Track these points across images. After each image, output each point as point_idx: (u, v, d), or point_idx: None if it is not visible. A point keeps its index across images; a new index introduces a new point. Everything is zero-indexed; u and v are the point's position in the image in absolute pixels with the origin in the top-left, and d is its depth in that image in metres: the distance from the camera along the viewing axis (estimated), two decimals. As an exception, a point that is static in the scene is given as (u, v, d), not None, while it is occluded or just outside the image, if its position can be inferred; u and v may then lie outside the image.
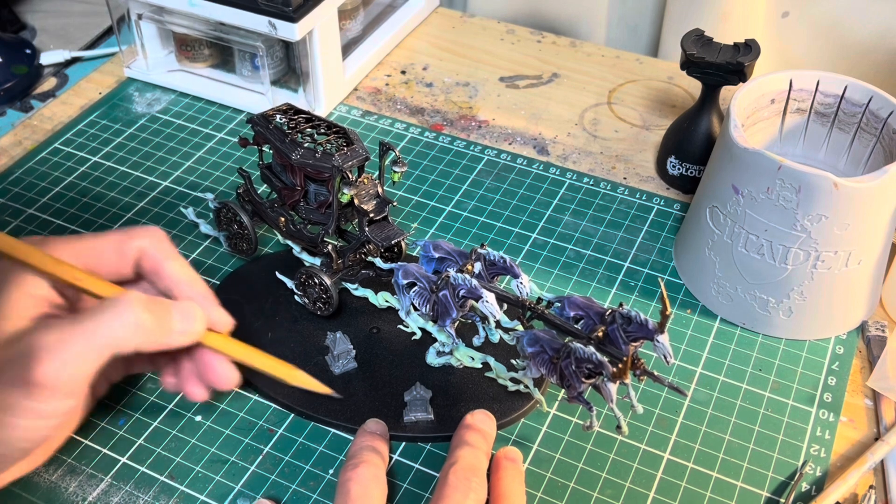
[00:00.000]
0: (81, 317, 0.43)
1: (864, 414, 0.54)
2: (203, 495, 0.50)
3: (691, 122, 0.68)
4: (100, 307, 0.43)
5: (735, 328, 0.59)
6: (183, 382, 0.49)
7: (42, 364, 0.41)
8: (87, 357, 0.42)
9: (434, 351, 0.55)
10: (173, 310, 0.46)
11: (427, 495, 0.50)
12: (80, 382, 0.42)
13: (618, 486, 0.50)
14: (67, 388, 0.42)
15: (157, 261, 0.48)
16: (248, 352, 0.49)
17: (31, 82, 0.82)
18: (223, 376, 0.48)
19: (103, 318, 0.43)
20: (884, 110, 0.57)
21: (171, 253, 0.48)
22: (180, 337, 0.46)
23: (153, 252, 0.48)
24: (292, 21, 0.68)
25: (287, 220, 0.59)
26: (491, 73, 0.82)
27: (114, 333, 0.43)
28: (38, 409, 0.42)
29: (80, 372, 0.42)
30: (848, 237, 0.53)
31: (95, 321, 0.43)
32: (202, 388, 0.49)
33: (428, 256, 0.53)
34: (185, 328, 0.46)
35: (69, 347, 0.42)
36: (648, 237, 0.66)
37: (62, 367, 0.41)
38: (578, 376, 0.46)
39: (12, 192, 0.70)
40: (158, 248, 0.48)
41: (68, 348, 0.42)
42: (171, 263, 0.48)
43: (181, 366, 0.49)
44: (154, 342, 0.45)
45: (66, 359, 0.41)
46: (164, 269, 0.48)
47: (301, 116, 0.57)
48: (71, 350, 0.42)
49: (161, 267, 0.48)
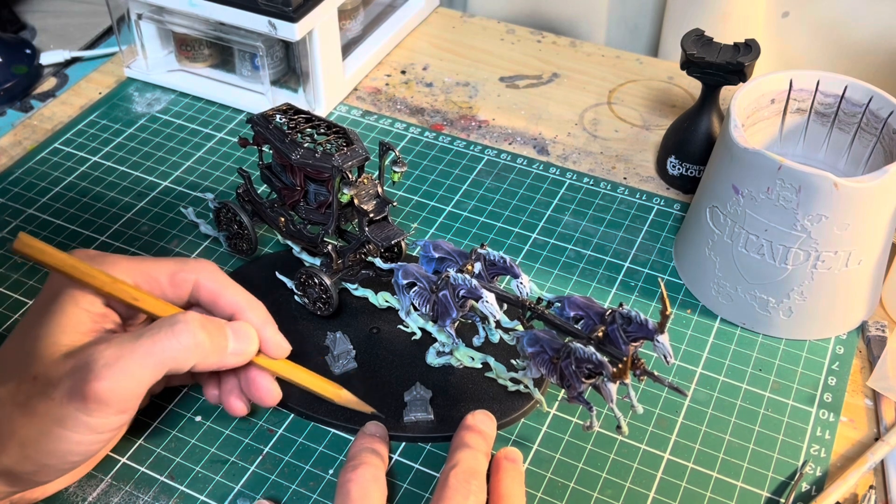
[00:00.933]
0: (140, 334, 0.44)
1: (864, 414, 0.54)
2: (203, 495, 0.50)
3: (691, 122, 0.68)
4: (158, 326, 0.45)
5: (735, 328, 0.59)
6: (225, 396, 0.51)
7: (99, 380, 0.42)
8: (144, 374, 0.43)
9: (434, 351, 0.55)
10: (228, 330, 0.47)
11: (427, 496, 0.50)
12: (134, 399, 0.44)
13: (618, 486, 0.50)
14: (122, 403, 0.43)
15: (215, 291, 0.49)
16: (295, 371, 0.51)
17: (31, 82, 0.82)
18: (267, 392, 0.50)
19: (161, 337, 0.44)
20: (884, 110, 0.57)
21: (227, 282, 0.50)
22: (234, 358, 0.48)
23: (209, 283, 0.49)
24: (292, 21, 0.68)
25: (287, 220, 0.59)
26: (491, 73, 0.82)
27: (171, 352, 0.44)
28: (92, 424, 0.43)
29: (135, 388, 0.43)
30: (848, 237, 0.53)
31: (153, 339, 0.44)
32: (243, 403, 0.51)
33: (428, 256, 0.53)
34: (238, 349, 0.48)
35: (127, 364, 0.43)
36: (648, 237, 0.66)
37: (118, 384, 0.42)
38: (578, 376, 0.46)
39: (12, 192, 0.70)
40: (214, 279, 0.49)
41: (126, 365, 0.43)
42: (229, 291, 0.49)
43: (225, 380, 0.51)
44: (209, 362, 0.46)
45: (123, 375, 0.43)
46: (224, 298, 0.49)
47: (301, 116, 0.57)
48: (128, 367, 0.43)
49: (219, 297, 0.49)
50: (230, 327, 0.48)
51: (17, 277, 0.62)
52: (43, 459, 0.43)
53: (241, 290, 0.50)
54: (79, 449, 0.43)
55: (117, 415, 0.43)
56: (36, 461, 0.43)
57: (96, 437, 0.44)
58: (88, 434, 0.43)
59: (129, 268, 0.48)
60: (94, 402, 0.42)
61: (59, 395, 0.42)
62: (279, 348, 0.50)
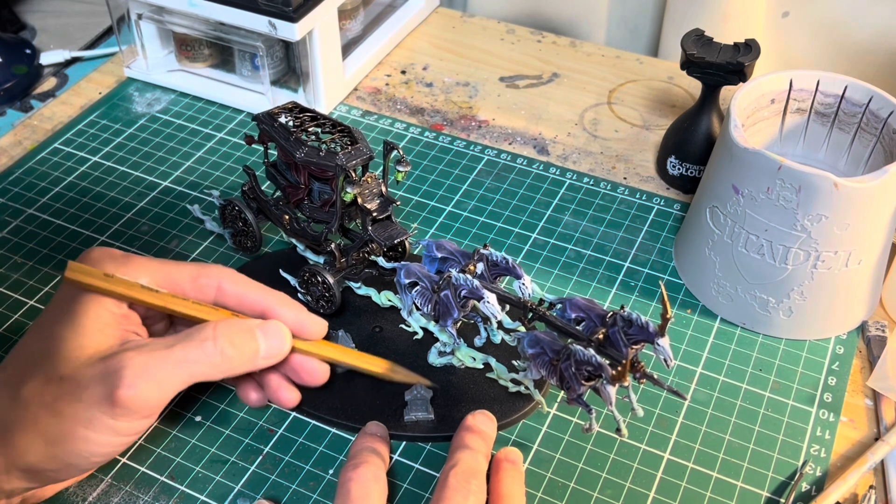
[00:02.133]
0: (170, 344, 0.45)
1: (864, 414, 0.54)
2: (203, 495, 0.50)
3: (691, 122, 0.68)
4: (189, 337, 0.46)
5: (735, 328, 0.59)
6: (273, 393, 0.52)
7: (129, 388, 0.43)
8: (172, 385, 0.45)
9: (436, 351, 0.55)
10: (258, 332, 0.48)
11: (427, 495, 0.50)
12: (160, 406, 0.45)
13: (618, 486, 0.50)
14: (148, 410, 0.44)
15: (240, 294, 0.50)
16: (341, 351, 0.52)
17: (31, 82, 0.82)
18: (315, 372, 0.51)
19: (190, 349, 0.45)
20: (884, 110, 0.57)
21: (250, 287, 0.50)
22: (265, 361, 0.48)
23: (232, 287, 0.50)
24: (292, 21, 0.68)
25: (291, 218, 0.59)
26: (491, 73, 0.82)
27: (200, 366, 0.45)
28: (118, 427, 0.44)
29: (162, 397, 0.44)
30: (848, 237, 0.53)
31: (184, 351, 0.45)
32: (294, 391, 0.52)
33: (431, 256, 0.53)
34: (269, 352, 0.48)
35: (155, 373, 0.44)
36: (648, 237, 0.66)
37: (147, 392, 0.43)
38: (578, 378, 0.46)
39: (12, 192, 0.70)
40: (237, 283, 0.50)
41: (154, 374, 0.44)
42: (253, 292, 0.50)
43: (268, 378, 0.52)
44: (239, 371, 0.47)
45: (152, 384, 0.43)
46: (249, 299, 0.50)
47: (306, 115, 0.57)
48: (157, 376, 0.44)
49: (244, 298, 0.50)
50: (260, 329, 0.48)
51: (18, 277, 0.62)
52: (67, 459, 0.44)
53: (264, 288, 0.50)
54: (102, 450, 0.45)
55: (142, 420, 0.44)
56: (60, 460, 0.44)
57: (120, 440, 0.45)
58: (113, 437, 0.44)
59: (152, 270, 0.49)
60: (122, 407, 0.43)
61: (87, 399, 0.43)
62: (317, 327, 0.51)
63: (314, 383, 0.51)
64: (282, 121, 0.57)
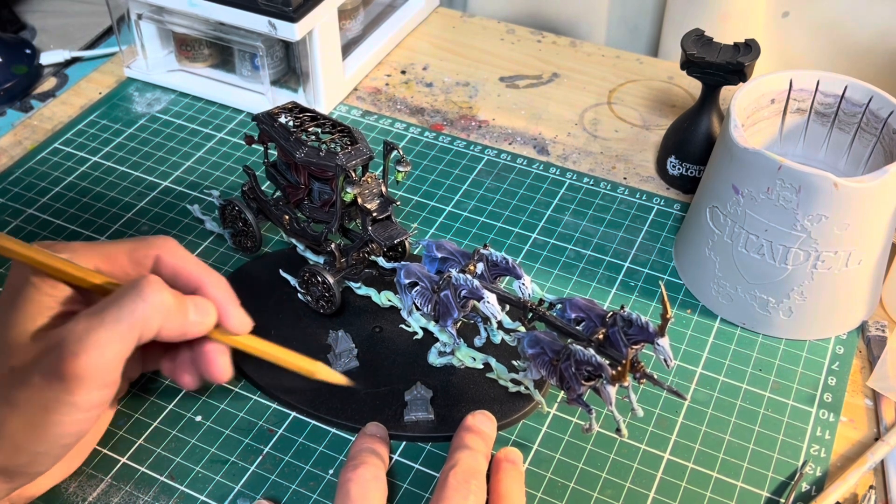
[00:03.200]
0: (105, 303, 0.43)
1: (864, 414, 0.54)
2: (203, 495, 0.50)
3: (691, 122, 0.68)
4: (122, 291, 0.44)
5: (735, 328, 0.59)
6: (177, 369, 0.50)
7: (74, 356, 0.41)
8: (117, 342, 0.43)
9: (436, 351, 0.55)
10: (188, 301, 0.46)
11: (427, 496, 0.50)
12: (112, 371, 0.43)
13: (618, 486, 0.50)
14: (101, 377, 0.42)
15: (176, 266, 0.48)
16: (260, 344, 0.50)
17: (31, 82, 0.82)
18: (220, 369, 0.49)
19: (127, 301, 0.43)
20: (884, 110, 0.57)
21: (188, 259, 0.49)
22: (195, 327, 0.47)
23: (170, 259, 0.48)
24: (292, 21, 0.68)
25: (291, 219, 0.59)
26: (491, 73, 0.82)
27: (139, 314, 0.43)
28: (76, 402, 0.42)
29: (112, 359, 0.43)
30: (848, 237, 0.53)
31: (119, 305, 0.43)
32: (194, 378, 0.50)
33: (431, 256, 0.53)
34: (199, 320, 0.47)
35: (98, 335, 0.42)
36: (648, 237, 0.66)
37: (94, 356, 0.42)
38: (578, 378, 0.47)
39: (12, 192, 0.70)
40: (175, 255, 0.48)
41: (98, 336, 0.42)
42: (190, 266, 0.48)
43: (180, 354, 0.50)
44: (173, 325, 0.45)
45: (97, 347, 0.42)
46: (185, 272, 0.48)
47: (306, 115, 0.57)
48: (100, 337, 0.42)
49: (181, 271, 0.48)
50: (190, 300, 0.47)
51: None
52: (34, 447, 0.43)
53: (203, 266, 0.49)
54: (68, 430, 0.43)
55: (99, 390, 0.43)
56: (28, 451, 0.43)
57: (83, 416, 0.43)
58: (74, 413, 0.42)
59: (89, 251, 0.47)
60: (74, 379, 0.41)
61: (37, 380, 0.42)
62: (241, 323, 0.49)
63: (213, 377, 0.49)
64: (282, 121, 0.57)
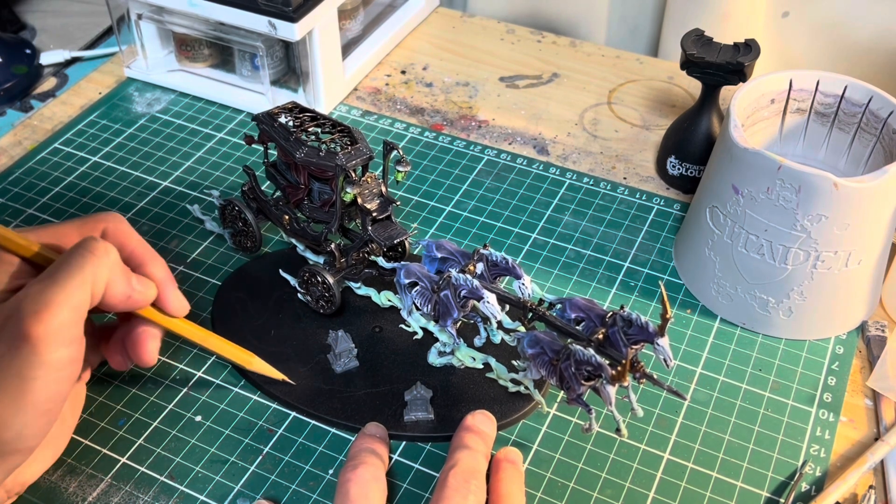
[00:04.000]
0: (55, 265, 0.44)
1: (864, 414, 0.54)
2: (203, 495, 0.50)
3: (691, 122, 0.68)
4: (70, 251, 0.45)
5: (735, 328, 0.59)
6: (108, 349, 0.51)
7: (35, 314, 0.42)
8: (73, 296, 0.43)
9: (435, 351, 0.55)
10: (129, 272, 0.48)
11: (427, 495, 0.50)
12: (73, 325, 0.43)
13: (618, 486, 0.50)
14: (64, 332, 0.43)
15: (120, 243, 0.49)
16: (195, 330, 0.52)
17: (31, 82, 0.82)
18: (148, 352, 0.50)
19: (75, 258, 0.44)
20: (884, 110, 0.57)
21: (133, 235, 0.50)
22: (138, 295, 0.48)
23: (115, 235, 0.49)
24: (292, 21, 0.68)
25: (291, 219, 0.59)
26: (491, 73, 0.82)
27: (88, 269, 0.44)
28: (46, 361, 0.42)
29: (71, 314, 0.43)
30: (848, 237, 0.53)
31: (69, 263, 0.44)
32: (124, 358, 0.51)
33: (430, 256, 0.53)
34: (141, 289, 0.48)
35: (53, 292, 0.43)
36: (648, 237, 0.66)
37: (54, 312, 0.42)
38: (578, 378, 0.47)
39: (12, 192, 0.70)
40: (120, 231, 0.49)
41: (53, 293, 0.42)
42: (133, 242, 0.50)
43: (113, 333, 0.51)
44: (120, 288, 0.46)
45: (55, 304, 0.42)
46: (128, 247, 0.49)
47: (306, 115, 0.57)
48: (55, 294, 0.43)
49: (124, 246, 0.49)
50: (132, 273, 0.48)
51: None
52: (17, 418, 0.42)
53: (147, 246, 0.50)
54: (46, 394, 0.43)
55: (66, 346, 0.43)
56: (11, 424, 0.42)
57: (57, 375, 0.43)
58: (48, 373, 0.42)
59: (40, 230, 0.48)
60: (38, 339, 0.41)
61: (3, 349, 0.42)
62: (179, 304, 0.50)
63: (140, 360, 0.50)
64: (282, 121, 0.57)
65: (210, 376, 0.56)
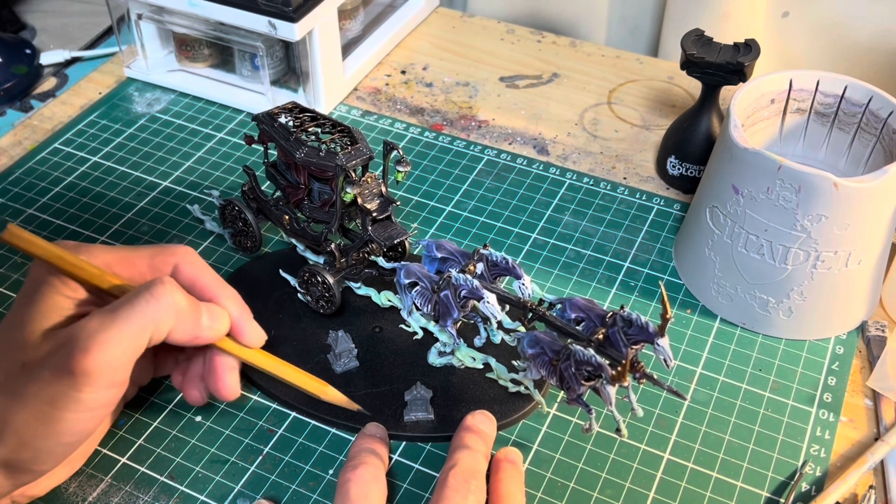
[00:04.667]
0: (119, 303, 0.44)
1: (864, 414, 0.54)
2: (203, 495, 0.50)
3: (691, 122, 0.68)
4: (136, 292, 0.45)
5: (735, 328, 0.59)
6: (186, 383, 0.51)
7: (84, 352, 0.42)
8: (128, 341, 0.43)
9: (435, 351, 0.55)
10: (202, 306, 0.47)
11: (427, 496, 0.50)
12: (121, 370, 0.43)
13: (618, 486, 0.50)
14: (110, 375, 0.43)
15: (193, 275, 0.49)
16: (273, 362, 0.51)
17: (31, 82, 0.82)
18: (225, 386, 0.50)
19: (140, 301, 0.44)
20: (884, 110, 0.57)
21: (205, 270, 0.50)
22: (208, 332, 0.47)
23: (187, 267, 0.49)
24: (292, 21, 0.68)
25: (291, 219, 0.59)
26: (491, 73, 0.82)
27: (151, 314, 0.44)
28: (83, 400, 0.42)
29: (122, 358, 0.43)
30: (848, 237, 0.53)
31: (132, 304, 0.44)
32: (200, 393, 0.51)
33: (430, 256, 0.53)
34: (212, 325, 0.47)
35: (110, 333, 0.42)
36: (648, 237, 0.66)
37: (104, 354, 0.42)
38: (578, 378, 0.47)
39: (12, 192, 0.70)
40: (193, 264, 0.49)
41: (109, 334, 0.42)
42: (206, 276, 0.49)
43: (191, 367, 0.51)
44: (185, 328, 0.46)
45: (108, 344, 0.42)
46: (201, 281, 0.49)
47: (306, 115, 0.57)
48: (111, 335, 0.42)
49: (197, 280, 0.49)
50: (204, 306, 0.48)
51: (18, 277, 0.62)
52: (39, 443, 0.43)
53: (219, 279, 0.50)
54: (73, 428, 0.43)
55: (107, 389, 0.43)
56: (32, 446, 0.43)
57: (89, 415, 0.43)
58: (81, 412, 0.43)
59: (108, 254, 0.48)
60: (83, 375, 0.41)
61: (47, 375, 0.42)
62: (255, 335, 0.50)
63: (220, 395, 0.50)
64: (282, 121, 0.57)
65: (210, 376, 0.56)
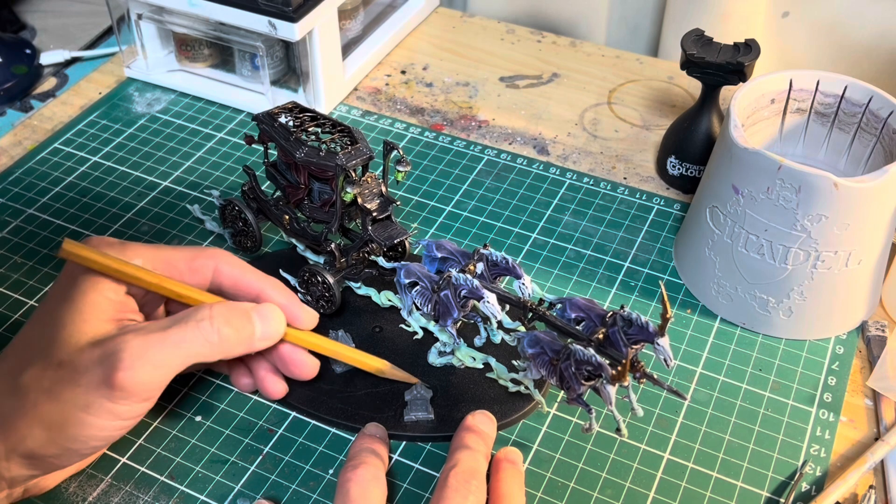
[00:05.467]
0: (167, 326, 0.45)
1: (864, 414, 0.54)
2: (203, 495, 0.50)
3: (691, 122, 0.68)
4: (185, 318, 0.46)
5: (735, 328, 0.59)
6: (261, 381, 0.52)
7: (127, 370, 0.43)
8: (170, 366, 0.45)
9: (436, 351, 0.55)
10: (254, 315, 0.48)
11: (427, 496, 0.50)
12: (158, 388, 0.45)
13: (618, 486, 0.50)
14: (147, 393, 0.44)
15: (236, 276, 0.50)
16: (330, 344, 0.52)
17: (31, 82, 0.82)
18: (303, 365, 0.51)
19: (187, 331, 0.45)
20: (884, 110, 0.57)
21: (246, 267, 0.51)
22: (261, 342, 0.49)
23: (229, 269, 0.50)
24: (292, 21, 0.68)
25: (291, 218, 0.59)
26: (491, 73, 0.82)
27: (197, 347, 0.45)
28: (117, 411, 0.44)
29: (161, 379, 0.45)
30: (848, 237, 0.53)
31: (180, 332, 0.45)
32: (281, 383, 0.52)
33: (430, 256, 0.53)
34: (266, 333, 0.49)
35: (153, 355, 0.44)
36: (648, 237, 0.66)
37: (145, 374, 0.44)
38: (578, 378, 0.47)
39: (12, 192, 0.70)
40: (233, 265, 0.51)
41: (153, 357, 0.44)
42: (249, 275, 0.51)
43: (257, 365, 0.52)
44: (235, 353, 0.48)
45: (150, 366, 0.44)
46: (245, 281, 0.50)
47: (306, 115, 0.57)
48: (155, 358, 0.44)
49: (240, 281, 0.50)
50: (256, 312, 0.48)
51: (18, 277, 0.62)
52: (66, 443, 0.44)
53: (260, 273, 0.51)
54: (102, 434, 0.45)
55: (141, 403, 0.45)
56: (60, 445, 0.44)
57: (120, 424, 0.45)
58: (112, 420, 0.44)
59: (148, 254, 0.49)
60: (121, 391, 0.43)
61: (85, 383, 0.43)
62: (308, 318, 0.51)
63: (303, 376, 0.52)
64: (282, 121, 0.57)
65: (210, 376, 0.56)
